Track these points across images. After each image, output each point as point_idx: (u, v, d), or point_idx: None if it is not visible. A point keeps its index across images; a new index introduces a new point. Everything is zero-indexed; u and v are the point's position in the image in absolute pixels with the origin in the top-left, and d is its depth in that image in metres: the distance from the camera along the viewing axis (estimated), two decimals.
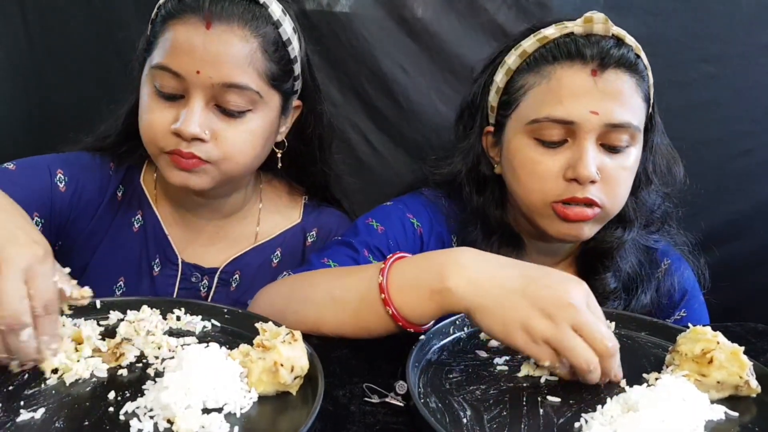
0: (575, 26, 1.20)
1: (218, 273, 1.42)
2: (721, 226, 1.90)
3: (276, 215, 1.50)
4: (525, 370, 0.99)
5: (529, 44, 1.24)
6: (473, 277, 0.96)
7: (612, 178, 1.21)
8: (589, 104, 1.17)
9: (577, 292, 0.93)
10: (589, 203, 1.20)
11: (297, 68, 1.32)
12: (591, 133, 1.18)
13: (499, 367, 1.01)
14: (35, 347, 0.86)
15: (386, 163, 1.82)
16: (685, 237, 1.46)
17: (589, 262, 1.36)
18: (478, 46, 1.73)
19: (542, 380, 0.97)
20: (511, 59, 1.26)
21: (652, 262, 1.40)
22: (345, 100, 1.78)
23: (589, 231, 1.25)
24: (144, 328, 0.99)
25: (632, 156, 1.23)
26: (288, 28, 1.28)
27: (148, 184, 1.44)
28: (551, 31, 1.22)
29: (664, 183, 1.38)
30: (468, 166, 1.37)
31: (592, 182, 1.19)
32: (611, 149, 1.21)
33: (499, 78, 1.28)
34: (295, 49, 1.30)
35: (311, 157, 1.48)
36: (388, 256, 1.06)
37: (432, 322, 1.05)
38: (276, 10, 1.26)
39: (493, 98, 1.31)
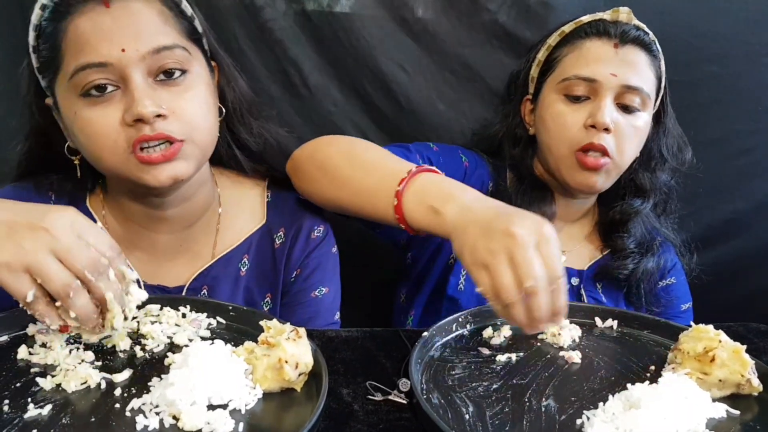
0: (604, 15, 1.46)
1: (184, 291, 1.31)
2: (721, 225, 1.91)
3: (239, 219, 1.38)
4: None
5: (568, 26, 1.49)
6: (463, 210, 1.05)
7: (623, 133, 1.42)
8: (610, 68, 1.40)
9: (528, 227, 0.96)
10: (603, 151, 1.40)
11: (198, 26, 1.23)
12: (609, 91, 1.40)
13: (501, 364, 1.01)
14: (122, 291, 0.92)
15: None
16: (678, 234, 1.65)
17: (611, 225, 1.59)
18: (478, 46, 1.73)
19: (545, 374, 0.98)
20: (552, 38, 1.52)
21: (652, 237, 1.62)
22: (345, 100, 1.78)
23: (601, 182, 1.45)
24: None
25: (642, 119, 1.45)
26: None
27: (95, 206, 1.33)
28: (586, 18, 1.48)
29: (676, 162, 1.60)
30: (506, 128, 1.61)
31: (607, 131, 1.40)
32: (625, 109, 1.42)
33: (540, 54, 1.53)
34: (188, 7, 1.21)
35: (246, 120, 1.36)
36: (424, 166, 1.18)
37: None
38: None
39: (534, 71, 1.55)
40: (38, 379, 0.87)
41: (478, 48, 1.74)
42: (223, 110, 1.30)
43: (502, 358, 1.03)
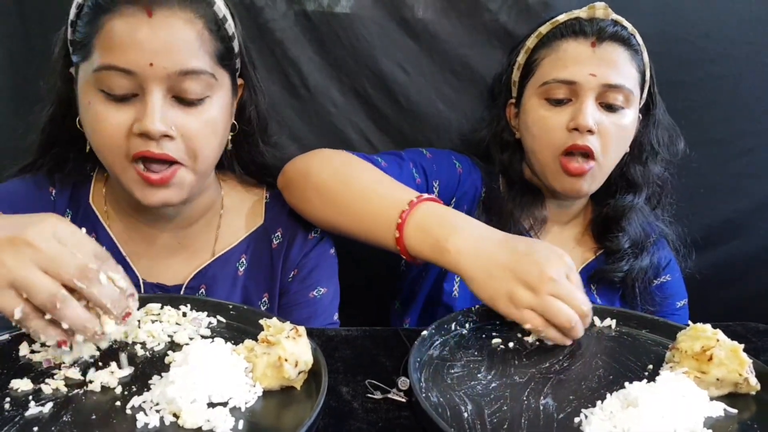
0: (581, 12, 1.45)
1: (183, 290, 1.32)
2: (722, 225, 1.91)
3: (238, 219, 1.40)
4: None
5: (545, 27, 1.49)
6: (472, 248, 1.10)
7: (608, 133, 1.41)
8: (588, 68, 1.40)
9: (558, 267, 1.07)
10: (587, 151, 1.40)
11: (236, 45, 1.25)
12: (590, 92, 1.40)
13: (500, 363, 1.01)
14: (119, 292, 0.88)
15: None
16: (673, 228, 1.65)
17: (604, 224, 1.58)
18: (479, 46, 1.73)
19: (543, 372, 0.98)
20: (530, 40, 1.51)
21: (646, 234, 1.60)
22: (345, 101, 1.77)
23: (587, 187, 1.45)
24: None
25: (627, 117, 1.44)
26: (221, 4, 1.20)
27: (98, 203, 1.34)
28: (562, 17, 1.47)
29: (669, 154, 1.59)
30: (492, 133, 1.61)
31: (590, 133, 1.39)
32: (608, 108, 1.42)
33: (520, 57, 1.53)
34: (231, 25, 1.22)
35: (254, 140, 1.38)
36: (424, 195, 1.20)
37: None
38: None
39: (515, 74, 1.55)
40: (40, 377, 0.88)
41: (479, 48, 1.74)
42: (236, 126, 1.31)
43: (500, 356, 1.03)
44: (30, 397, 0.83)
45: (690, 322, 1.02)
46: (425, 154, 1.51)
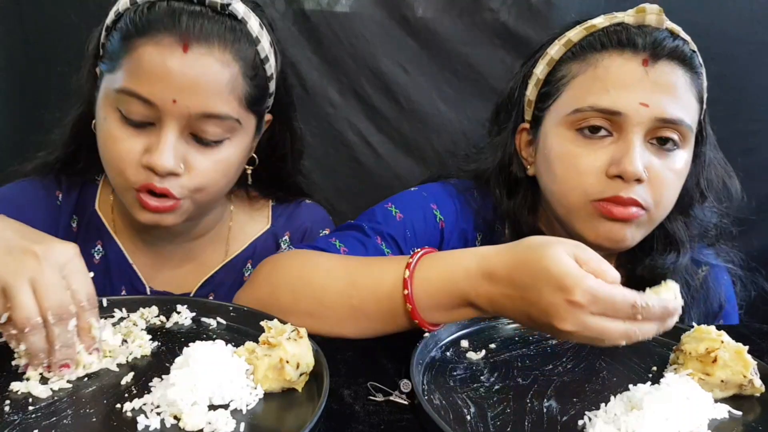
0: (626, 16, 1.14)
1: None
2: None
3: (246, 227, 1.39)
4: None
5: (575, 33, 1.17)
6: (490, 305, 0.93)
7: (659, 180, 1.11)
8: (638, 95, 1.08)
9: (570, 322, 0.85)
10: (634, 204, 1.10)
11: (272, 85, 1.21)
12: (639, 127, 1.09)
13: (503, 365, 1.01)
14: (74, 344, 0.87)
15: (386, 165, 1.80)
16: (734, 254, 1.39)
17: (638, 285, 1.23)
18: (479, 45, 1.73)
19: (547, 375, 0.97)
20: (554, 49, 1.19)
21: (691, 269, 1.29)
22: (344, 101, 1.77)
23: (631, 237, 1.14)
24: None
25: (682, 159, 1.14)
26: (266, 44, 1.16)
27: (105, 210, 1.32)
28: (600, 21, 1.16)
29: (719, 199, 1.30)
30: (498, 164, 1.28)
31: (638, 181, 1.09)
32: (660, 148, 1.12)
33: (540, 69, 1.20)
34: (272, 66, 1.19)
35: (285, 171, 1.37)
36: (409, 261, 0.98)
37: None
38: (254, 25, 1.14)
39: (531, 91, 1.23)
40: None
41: (480, 47, 1.73)
42: (256, 159, 1.28)
43: (503, 358, 1.03)
44: (30, 400, 0.83)
45: (694, 324, 1.01)
46: (394, 214, 1.23)
